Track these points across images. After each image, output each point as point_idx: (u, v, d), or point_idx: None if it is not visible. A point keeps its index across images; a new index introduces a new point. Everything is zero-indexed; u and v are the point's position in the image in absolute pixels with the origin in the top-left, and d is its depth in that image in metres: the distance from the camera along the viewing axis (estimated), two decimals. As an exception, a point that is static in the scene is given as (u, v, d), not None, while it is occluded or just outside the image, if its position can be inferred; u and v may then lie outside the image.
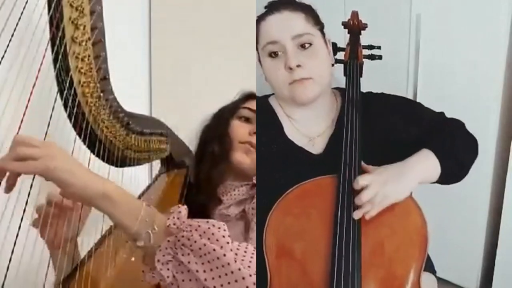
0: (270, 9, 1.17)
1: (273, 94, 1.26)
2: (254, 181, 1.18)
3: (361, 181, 1.02)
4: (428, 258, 1.29)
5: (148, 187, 1.40)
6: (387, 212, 1.05)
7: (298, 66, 1.13)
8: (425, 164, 1.09)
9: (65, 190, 0.80)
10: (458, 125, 1.25)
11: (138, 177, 1.37)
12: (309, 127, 1.22)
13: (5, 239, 0.79)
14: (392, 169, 1.06)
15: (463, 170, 1.19)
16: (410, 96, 2.32)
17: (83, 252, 1.13)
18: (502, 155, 2.06)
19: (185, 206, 0.87)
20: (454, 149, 1.15)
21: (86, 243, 1.13)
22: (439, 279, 1.27)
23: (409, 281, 1.01)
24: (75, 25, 0.93)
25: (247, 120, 1.34)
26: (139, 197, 1.35)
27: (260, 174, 1.13)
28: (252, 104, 1.34)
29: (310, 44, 1.15)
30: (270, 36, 1.15)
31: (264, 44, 1.16)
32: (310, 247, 1.03)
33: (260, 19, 1.18)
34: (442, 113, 1.27)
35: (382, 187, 1.03)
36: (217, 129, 1.35)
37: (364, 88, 1.28)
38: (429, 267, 1.30)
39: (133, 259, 0.94)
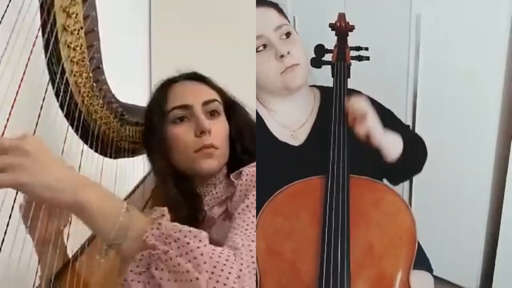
0: None
1: None
2: (231, 176, 1.12)
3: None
4: (425, 257, 1.29)
5: (144, 178, 1.39)
6: (376, 211, 1.06)
7: (288, 53, 1.16)
8: (394, 137, 1.19)
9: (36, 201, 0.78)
10: (420, 139, 1.36)
11: (134, 168, 1.36)
12: (289, 118, 1.25)
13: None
14: None
15: (413, 168, 1.32)
16: (410, 96, 2.33)
17: (75, 247, 1.12)
18: (502, 154, 2.05)
19: (168, 216, 0.84)
20: (415, 150, 1.27)
21: (78, 238, 1.12)
22: (439, 279, 1.26)
23: (399, 280, 1.01)
24: (66, 13, 0.93)
25: (181, 119, 1.16)
26: (134, 190, 1.34)
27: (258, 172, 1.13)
28: (175, 99, 1.18)
29: (290, 33, 1.20)
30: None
31: None
32: (300, 248, 1.04)
33: None
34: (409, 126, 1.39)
35: (371, 110, 1.12)
36: (160, 148, 1.17)
37: (365, 88, 1.29)
38: (426, 265, 1.29)
39: (102, 260, 0.93)
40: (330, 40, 1.29)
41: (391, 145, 1.17)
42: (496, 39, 1.96)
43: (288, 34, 1.19)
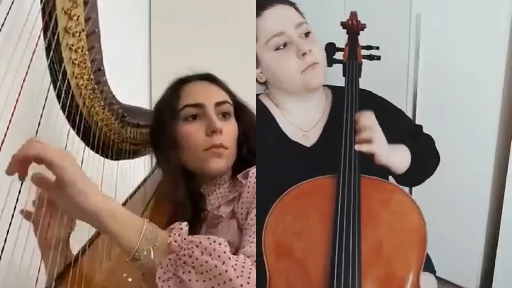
0: (262, 6, 1.17)
1: (260, 93, 1.28)
2: (238, 177, 1.13)
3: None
4: (428, 259, 1.29)
5: (145, 179, 1.40)
6: (386, 212, 1.05)
7: (310, 51, 1.14)
8: (401, 152, 1.18)
9: (73, 195, 0.78)
10: (431, 140, 1.34)
11: (134, 170, 1.36)
12: (302, 118, 1.23)
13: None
14: None
15: (423, 175, 1.29)
16: (410, 96, 2.33)
17: (76, 249, 1.12)
18: (502, 154, 2.05)
19: (186, 223, 0.86)
20: (424, 155, 1.24)
21: (79, 239, 1.12)
22: (439, 279, 1.26)
23: (409, 282, 1.01)
24: (68, 15, 0.93)
25: (194, 117, 1.18)
26: (135, 191, 1.34)
27: (259, 172, 1.13)
28: (188, 98, 1.20)
29: (309, 32, 1.17)
30: (274, 29, 1.15)
31: (269, 38, 1.15)
32: (310, 247, 1.03)
33: (256, 16, 1.18)
34: (420, 126, 1.36)
35: (378, 131, 1.10)
36: (170, 146, 1.18)
37: (364, 88, 1.28)
38: (429, 267, 1.29)
39: (130, 280, 0.94)
40: (331, 40, 1.29)
41: (397, 162, 1.16)
42: (496, 39, 1.96)
43: (307, 34, 1.17)
